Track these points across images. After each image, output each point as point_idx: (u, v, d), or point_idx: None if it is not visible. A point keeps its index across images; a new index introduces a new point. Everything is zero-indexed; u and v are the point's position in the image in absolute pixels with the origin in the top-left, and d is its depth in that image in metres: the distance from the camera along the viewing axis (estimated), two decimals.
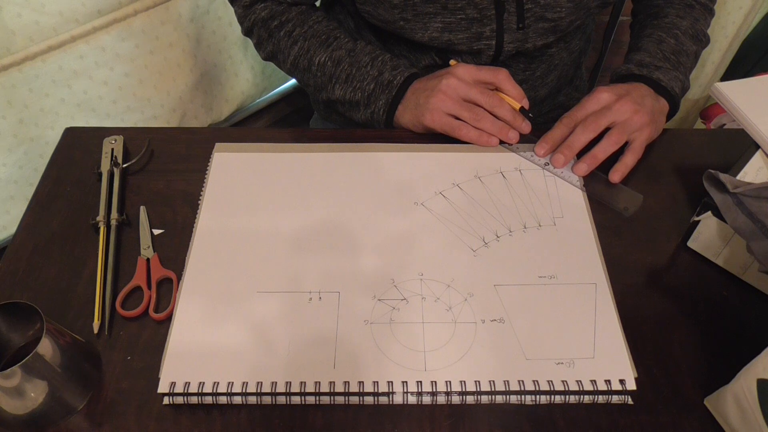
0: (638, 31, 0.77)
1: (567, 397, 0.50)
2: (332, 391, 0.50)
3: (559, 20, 0.70)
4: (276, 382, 0.50)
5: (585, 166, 0.65)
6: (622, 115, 0.65)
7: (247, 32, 0.80)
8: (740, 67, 1.30)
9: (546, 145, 0.66)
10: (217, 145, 0.69)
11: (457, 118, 0.67)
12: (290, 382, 0.50)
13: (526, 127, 0.66)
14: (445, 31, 0.69)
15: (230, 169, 0.67)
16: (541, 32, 0.71)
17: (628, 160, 0.65)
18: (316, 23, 0.74)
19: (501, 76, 0.66)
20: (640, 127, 0.65)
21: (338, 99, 0.73)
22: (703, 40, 0.76)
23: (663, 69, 0.70)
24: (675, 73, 0.70)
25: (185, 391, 0.50)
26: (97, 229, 0.62)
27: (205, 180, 0.66)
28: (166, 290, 0.58)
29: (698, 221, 0.58)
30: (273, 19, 0.75)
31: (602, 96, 0.66)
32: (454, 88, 0.66)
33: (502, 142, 0.68)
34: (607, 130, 0.66)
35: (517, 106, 0.67)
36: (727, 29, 1.21)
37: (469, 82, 0.66)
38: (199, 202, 0.63)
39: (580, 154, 0.66)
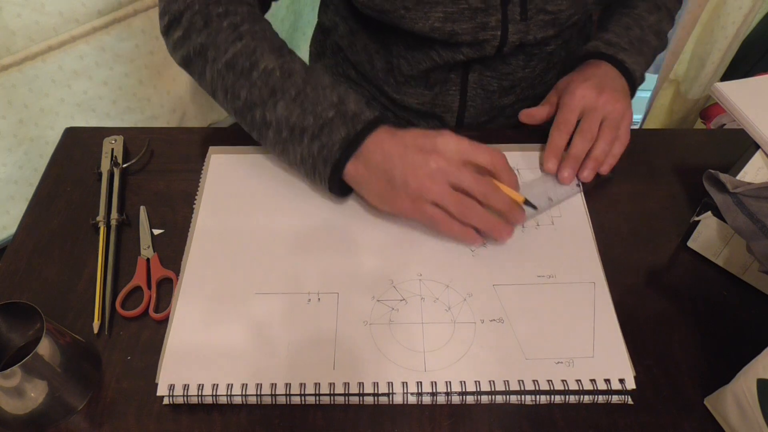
0: (608, 15, 0.78)
1: (567, 396, 0.50)
2: (332, 392, 0.50)
3: (558, 13, 0.70)
4: (275, 384, 0.50)
5: (589, 172, 0.65)
6: (606, 110, 0.65)
7: (173, 20, 0.63)
8: (740, 67, 1.30)
9: (554, 158, 0.65)
10: (212, 148, 0.69)
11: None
12: (290, 384, 0.50)
13: (521, 218, 0.58)
14: (448, 21, 0.68)
15: (227, 170, 0.67)
16: (541, 24, 0.71)
17: (617, 150, 0.66)
18: (269, 29, 0.63)
19: (499, 164, 0.57)
20: (622, 114, 0.66)
21: (275, 121, 0.58)
22: (663, 41, 0.78)
23: (628, 52, 0.71)
24: (638, 58, 0.72)
25: (184, 393, 0.49)
26: (97, 229, 0.62)
27: (200, 181, 0.66)
28: (166, 290, 0.58)
29: (698, 221, 0.58)
30: (218, 4, 0.62)
31: (584, 93, 0.66)
32: (444, 173, 0.55)
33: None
34: None
35: (518, 197, 0.58)
36: (727, 29, 1.21)
37: (458, 163, 0.56)
38: (194, 204, 0.63)
39: None
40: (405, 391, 0.50)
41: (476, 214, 0.56)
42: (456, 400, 0.50)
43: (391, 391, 0.50)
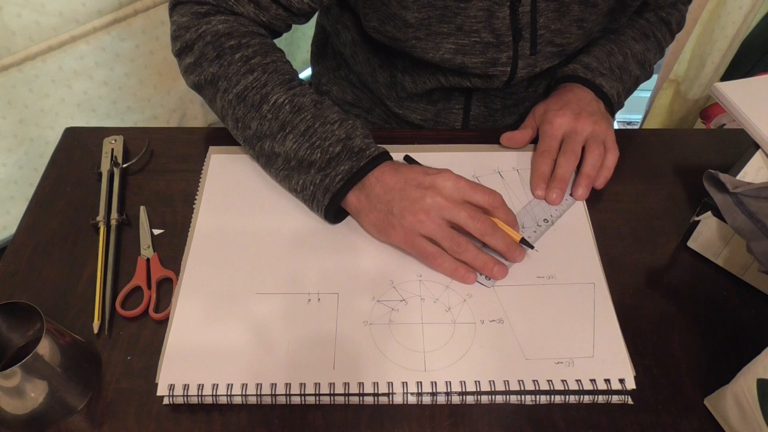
0: (593, 40, 0.76)
1: (567, 397, 0.50)
2: (332, 392, 0.50)
3: (566, 45, 0.70)
4: (275, 384, 0.50)
5: (583, 189, 0.64)
6: (586, 132, 0.66)
7: (185, 47, 0.64)
8: (740, 67, 1.30)
9: (542, 184, 0.64)
10: (212, 148, 0.69)
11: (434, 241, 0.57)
12: (290, 384, 0.50)
13: (520, 257, 0.57)
14: (459, 53, 0.68)
15: (227, 170, 0.66)
16: (548, 56, 0.71)
17: (610, 162, 0.65)
18: (280, 60, 0.64)
19: (496, 202, 0.57)
20: (604, 133, 0.66)
21: (284, 153, 0.60)
22: (647, 70, 0.77)
23: (607, 77, 0.71)
24: (616, 84, 0.72)
25: (184, 393, 0.50)
26: (97, 229, 0.62)
27: (200, 181, 0.66)
28: (166, 290, 0.58)
29: (698, 221, 0.58)
30: (230, 37, 0.62)
31: (562, 121, 0.66)
32: (439, 209, 0.55)
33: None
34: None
35: (517, 236, 0.57)
36: (727, 29, 1.21)
37: (457, 201, 0.56)
38: (194, 204, 0.63)
39: None
40: (405, 391, 0.50)
41: (468, 251, 0.56)
42: (456, 400, 0.50)
43: (391, 391, 0.50)
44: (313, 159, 0.59)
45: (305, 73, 1.60)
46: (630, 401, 0.50)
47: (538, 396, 0.50)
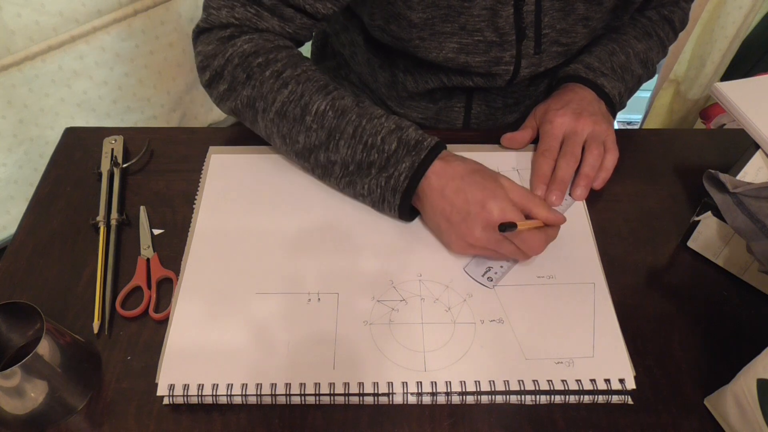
0: (595, 38, 0.76)
1: (567, 397, 0.50)
2: (332, 392, 0.50)
3: (571, 44, 0.70)
4: (275, 384, 0.50)
5: (582, 190, 0.64)
6: (586, 132, 0.66)
7: (215, 75, 0.63)
8: (740, 67, 1.30)
9: (542, 184, 0.64)
10: (212, 148, 0.69)
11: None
12: (290, 384, 0.50)
13: (560, 220, 0.57)
14: (462, 52, 0.68)
15: (227, 170, 0.66)
16: (553, 56, 0.71)
17: (609, 163, 0.65)
18: (310, 69, 0.62)
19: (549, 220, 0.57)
20: (605, 133, 0.66)
21: (340, 159, 0.59)
22: (650, 69, 0.77)
23: (608, 77, 0.71)
24: (617, 84, 0.71)
25: (184, 393, 0.50)
26: (97, 229, 0.62)
27: (200, 181, 0.66)
28: (166, 290, 0.58)
29: (698, 221, 0.58)
30: (257, 55, 0.61)
31: (563, 121, 0.66)
32: (486, 242, 0.56)
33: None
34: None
35: (537, 223, 0.56)
36: (727, 29, 1.21)
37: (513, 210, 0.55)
38: (194, 204, 0.63)
39: None
40: (405, 391, 0.50)
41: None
42: (456, 400, 0.50)
43: (391, 391, 0.50)
44: (372, 160, 0.58)
45: None
46: (630, 401, 0.50)
47: (538, 396, 0.50)
